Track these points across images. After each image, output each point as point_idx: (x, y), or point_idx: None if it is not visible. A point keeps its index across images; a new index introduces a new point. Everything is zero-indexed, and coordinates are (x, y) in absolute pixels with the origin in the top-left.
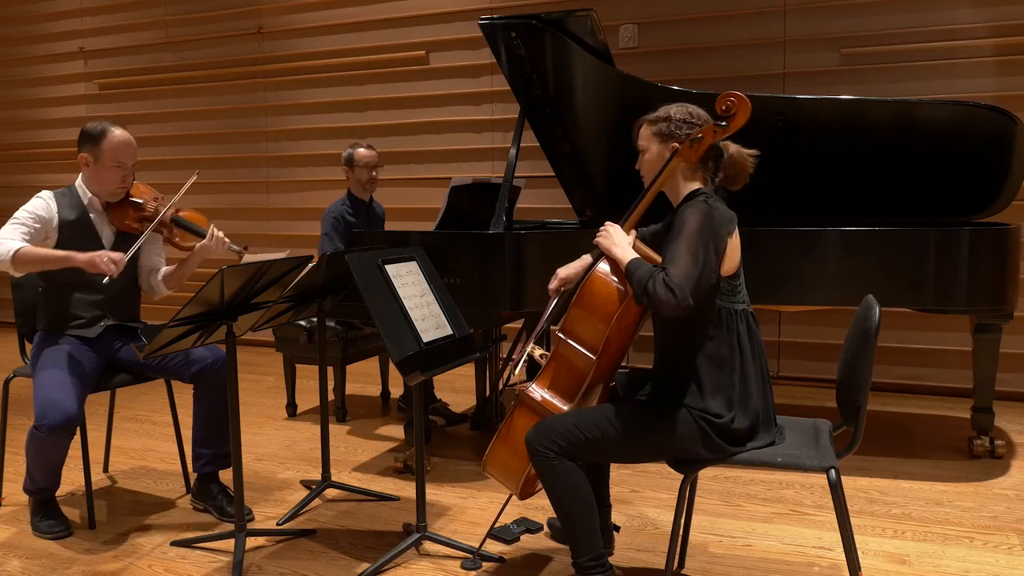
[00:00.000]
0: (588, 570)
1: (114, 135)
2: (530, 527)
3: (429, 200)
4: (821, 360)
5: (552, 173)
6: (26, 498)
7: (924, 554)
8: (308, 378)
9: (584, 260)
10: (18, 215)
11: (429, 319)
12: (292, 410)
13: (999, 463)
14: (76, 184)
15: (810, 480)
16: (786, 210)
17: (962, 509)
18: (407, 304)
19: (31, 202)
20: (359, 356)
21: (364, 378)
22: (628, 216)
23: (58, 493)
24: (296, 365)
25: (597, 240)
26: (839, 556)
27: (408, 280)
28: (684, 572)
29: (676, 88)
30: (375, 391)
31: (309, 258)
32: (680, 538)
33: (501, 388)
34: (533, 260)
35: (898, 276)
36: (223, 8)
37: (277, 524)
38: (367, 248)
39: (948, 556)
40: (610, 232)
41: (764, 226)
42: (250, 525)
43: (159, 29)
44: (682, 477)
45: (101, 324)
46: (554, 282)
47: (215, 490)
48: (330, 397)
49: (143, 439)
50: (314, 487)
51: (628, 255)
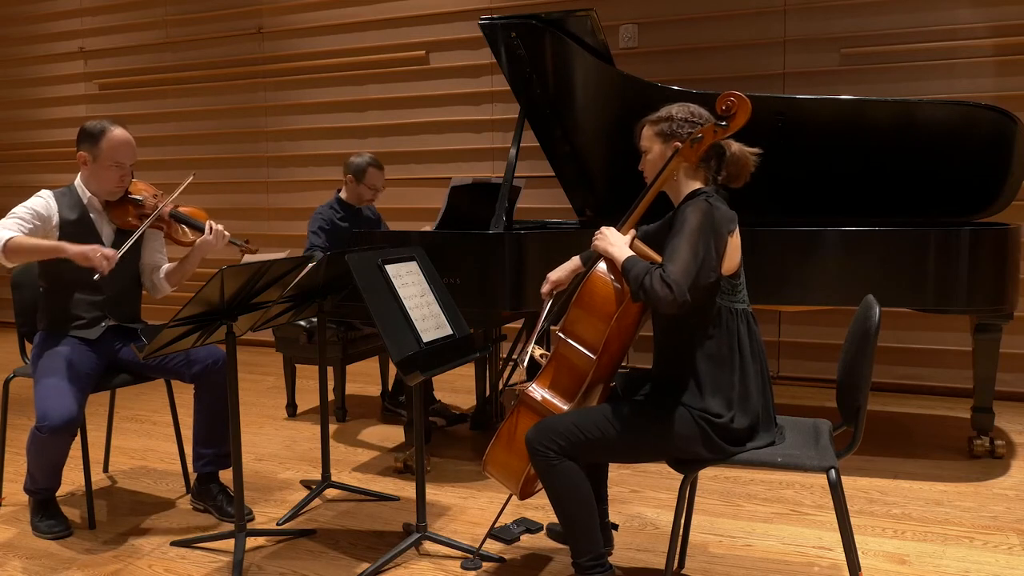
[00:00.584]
0: (588, 570)
1: (113, 134)
2: (530, 527)
3: (429, 200)
4: (821, 360)
5: (552, 173)
6: (26, 498)
7: (924, 554)
8: (308, 378)
9: (573, 262)
10: (16, 210)
11: (429, 319)
12: (292, 410)
13: (999, 463)
14: (75, 183)
15: (810, 480)
16: (786, 210)
17: (962, 509)
18: (407, 304)
19: (31, 200)
20: (359, 356)
21: (364, 378)
22: (629, 215)
23: (58, 493)
24: (296, 365)
25: (594, 244)
26: (839, 556)
27: (408, 280)
28: (684, 572)
29: (676, 88)
30: (375, 391)
31: (309, 258)
32: (680, 538)
33: (501, 388)
34: (533, 260)
35: (898, 276)
36: (223, 8)
37: (277, 524)
38: (367, 248)
39: (948, 556)
40: (605, 234)
41: (764, 226)
42: (250, 525)
43: (159, 29)
44: (682, 477)
45: (102, 325)
46: (546, 286)
47: (215, 490)
48: (330, 397)
49: (143, 439)
50: (314, 487)
51: (624, 253)
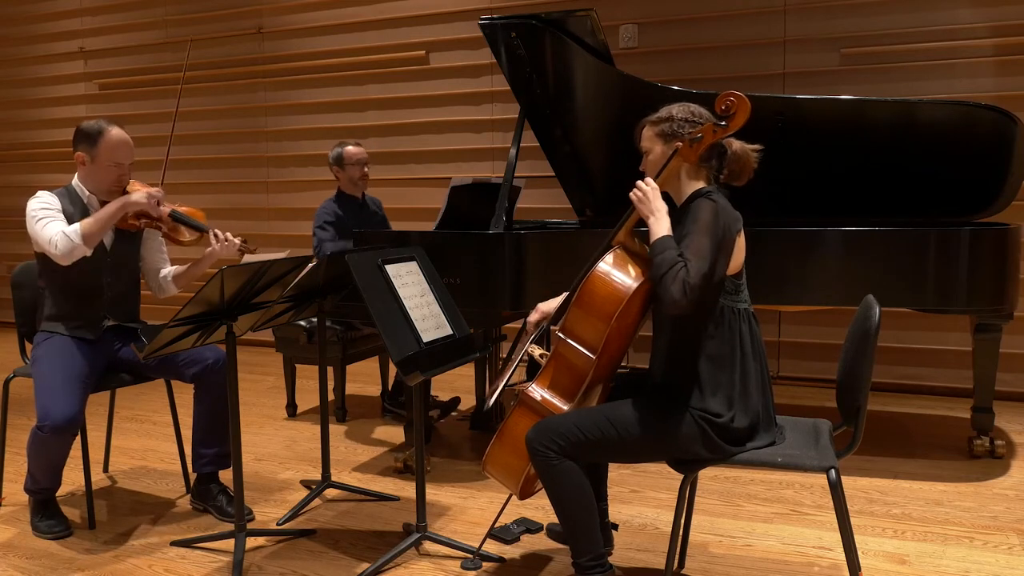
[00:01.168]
0: (588, 570)
1: (111, 134)
2: (530, 527)
3: (429, 200)
4: (821, 360)
5: (552, 173)
6: (26, 498)
7: (924, 554)
8: (308, 378)
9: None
10: (41, 213)
11: (429, 319)
12: (292, 410)
13: (999, 463)
14: (73, 183)
15: (810, 480)
16: (786, 210)
17: (962, 509)
18: (407, 304)
19: (38, 200)
20: (359, 356)
21: (364, 378)
22: (628, 216)
23: (58, 493)
24: (296, 365)
25: (636, 203)
26: (839, 556)
27: (408, 280)
28: (684, 572)
29: (676, 88)
30: (375, 391)
31: (309, 258)
32: (680, 538)
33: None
34: (533, 260)
35: (898, 276)
36: (223, 8)
37: (277, 524)
38: (367, 248)
39: (948, 556)
40: (651, 197)
41: (764, 226)
42: (250, 525)
43: (159, 29)
44: (682, 477)
45: (102, 325)
46: (534, 315)
47: (215, 490)
48: (330, 397)
49: (143, 439)
50: (314, 487)
51: (662, 228)
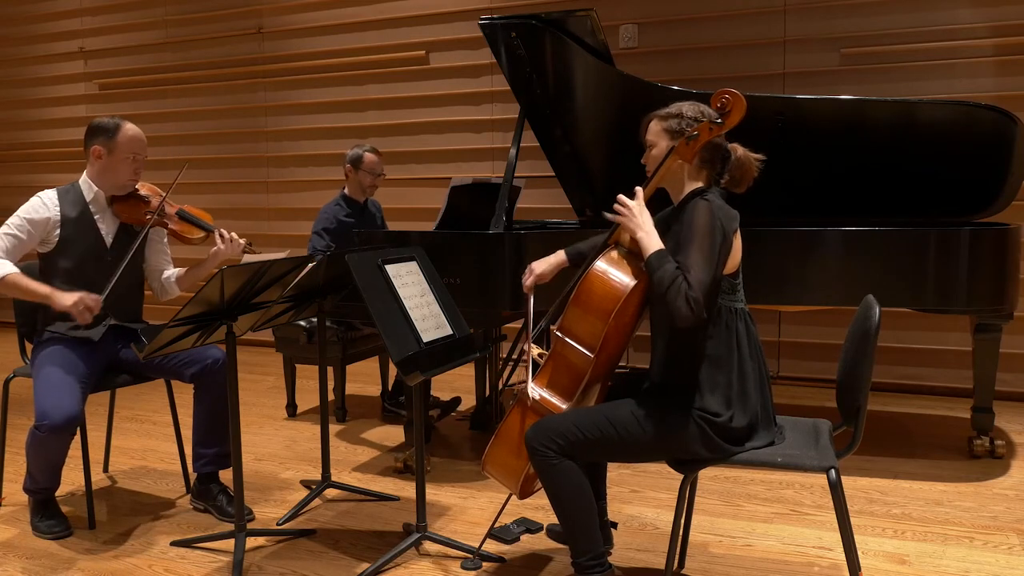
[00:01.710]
0: (588, 569)
1: (128, 127)
2: (530, 527)
3: (429, 200)
4: (821, 360)
5: (552, 173)
6: (26, 498)
7: (924, 554)
8: (308, 378)
9: (558, 256)
10: (11, 221)
11: (429, 319)
12: (292, 410)
13: (999, 463)
14: (81, 180)
15: (810, 480)
16: (786, 210)
17: (962, 509)
18: (407, 304)
19: (28, 205)
20: (359, 356)
21: (364, 378)
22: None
23: (58, 493)
24: (296, 365)
25: (620, 219)
26: (839, 556)
27: (408, 280)
28: (684, 572)
29: (676, 88)
30: (375, 391)
31: (309, 258)
32: (680, 538)
33: (501, 388)
34: (533, 260)
35: (898, 276)
36: (223, 8)
37: (277, 524)
38: (367, 248)
39: (948, 556)
40: (635, 212)
41: (764, 226)
42: (250, 525)
43: (159, 29)
44: (682, 477)
45: (103, 325)
46: (529, 278)
47: (215, 490)
48: (330, 397)
49: (143, 439)
50: (314, 487)
51: (653, 244)
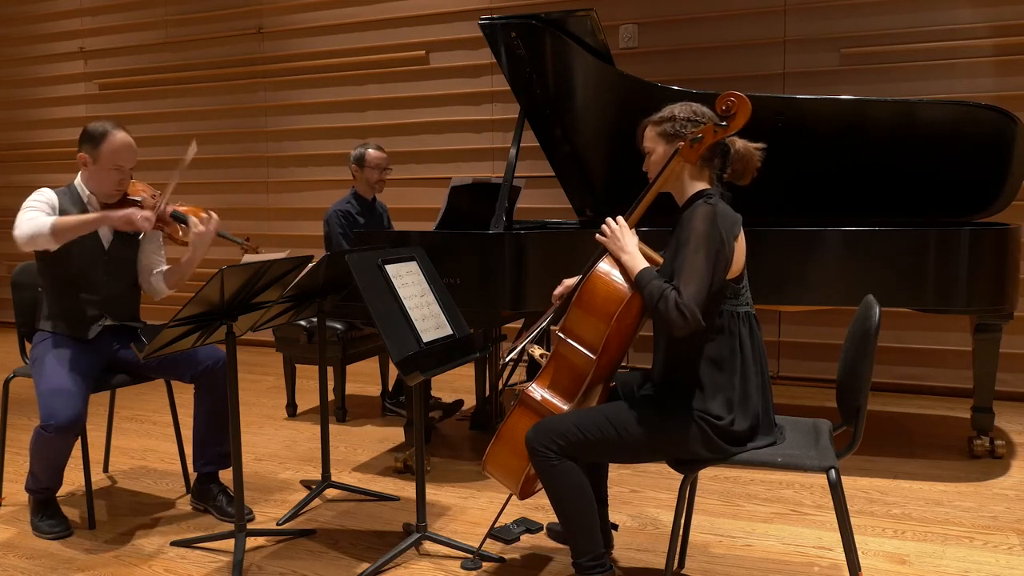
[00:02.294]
0: (588, 570)
1: (114, 137)
2: (530, 527)
3: (429, 200)
4: (821, 360)
5: (552, 173)
6: (26, 498)
7: (924, 554)
8: (308, 378)
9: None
10: (30, 203)
11: (429, 319)
12: (292, 410)
13: (999, 463)
14: (76, 182)
15: (810, 480)
16: (786, 210)
17: (962, 509)
18: (407, 304)
19: (36, 194)
20: (359, 356)
21: (364, 378)
22: (629, 215)
23: (58, 493)
24: (296, 365)
25: (604, 241)
26: (839, 556)
27: (408, 280)
28: (684, 572)
29: (676, 88)
30: (375, 391)
31: (309, 258)
32: (680, 538)
33: (501, 388)
34: (533, 260)
35: (898, 276)
36: (223, 8)
37: (277, 524)
38: (367, 248)
39: (948, 556)
40: (618, 235)
41: (764, 226)
42: (250, 525)
43: (159, 29)
44: (682, 477)
45: (99, 324)
46: (560, 288)
47: (215, 490)
48: (330, 397)
49: (143, 439)
50: (314, 487)
51: (638, 264)
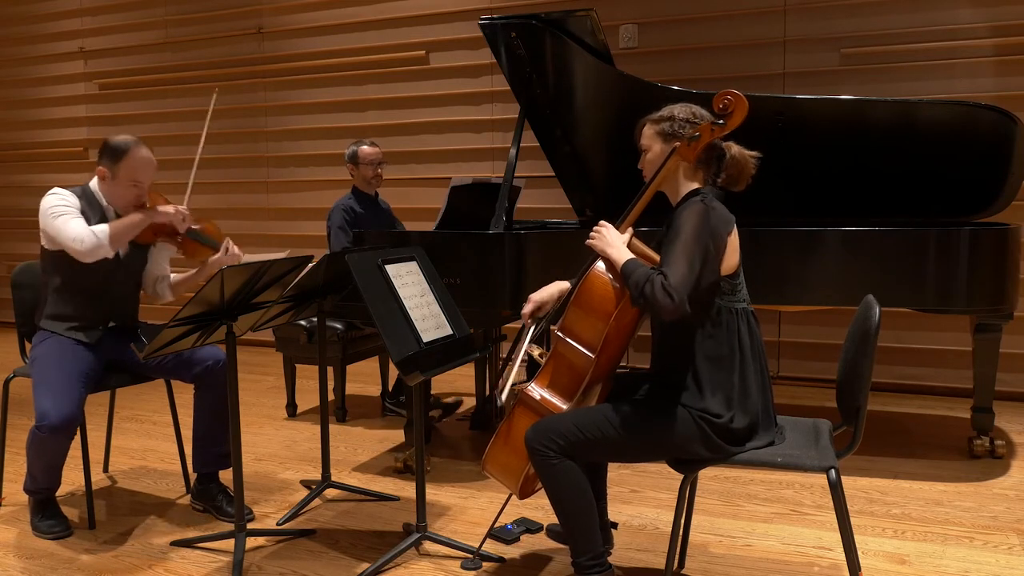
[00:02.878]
0: (587, 569)
1: (135, 153)
2: (530, 527)
3: (429, 200)
4: (821, 360)
5: (552, 173)
6: (26, 498)
7: (924, 554)
8: (308, 378)
9: (558, 286)
10: (61, 210)
11: (429, 319)
12: (292, 410)
13: (999, 463)
14: (91, 186)
15: (810, 480)
16: (786, 210)
17: (962, 509)
18: (407, 304)
19: (56, 194)
20: (359, 356)
21: (364, 378)
22: (626, 215)
23: (58, 493)
24: (296, 365)
25: (590, 242)
26: (839, 556)
27: (408, 280)
28: (684, 572)
29: (676, 88)
30: (375, 391)
31: (309, 258)
32: (680, 538)
33: (501, 388)
34: (533, 260)
35: (898, 276)
36: (223, 8)
37: (277, 524)
38: (367, 248)
39: (948, 556)
40: (604, 233)
41: (764, 226)
42: (250, 525)
43: (159, 29)
44: (682, 477)
45: (100, 328)
46: (528, 306)
47: (215, 490)
48: (330, 397)
49: (143, 439)
50: (314, 487)
51: (623, 256)
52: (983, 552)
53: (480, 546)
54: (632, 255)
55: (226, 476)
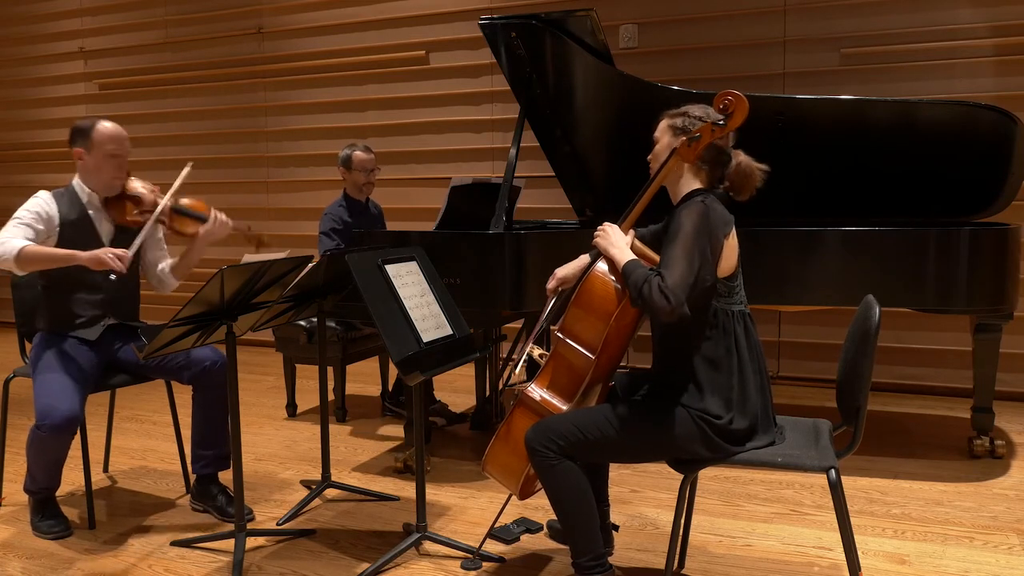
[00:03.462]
0: (588, 570)
1: (103, 125)
2: (530, 527)
3: (429, 200)
4: (821, 360)
5: (552, 173)
6: (26, 498)
7: (924, 554)
8: (308, 378)
9: (582, 260)
10: (20, 214)
11: (429, 319)
12: (292, 410)
13: (999, 463)
14: (74, 183)
15: (810, 480)
16: (786, 210)
17: (962, 509)
18: (407, 304)
19: (31, 202)
20: (359, 356)
21: (364, 378)
22: (627, 214)
23: (58, 493)
24: (296, 365)
25: (595, 241)
26: (839, 556)
27: (408, 280)
28: (684, 572)
29: (676, 88)
30: (375, 391)
31: (309, 258)
32: (680, 538)
33: (501, 388)
34: (533, 260)
35: (898, 276)
36: (223, 8)
37: (277, 524)
38: (367, 248)
39: (948, 556)
40: (608, 232)
41: (764, 226)
42: (250, 525)
43: (159, 29)
44: (682, 477)
45: (101, 324)
46: (552, 281)
47: (215, 491)
48: (330, 397)
49: (143, 439)
50: (314, 487)
51: (625, 256)
52: (983, 552)
53: (480, 546)
54: (634, 257)
55: (226, 476)
